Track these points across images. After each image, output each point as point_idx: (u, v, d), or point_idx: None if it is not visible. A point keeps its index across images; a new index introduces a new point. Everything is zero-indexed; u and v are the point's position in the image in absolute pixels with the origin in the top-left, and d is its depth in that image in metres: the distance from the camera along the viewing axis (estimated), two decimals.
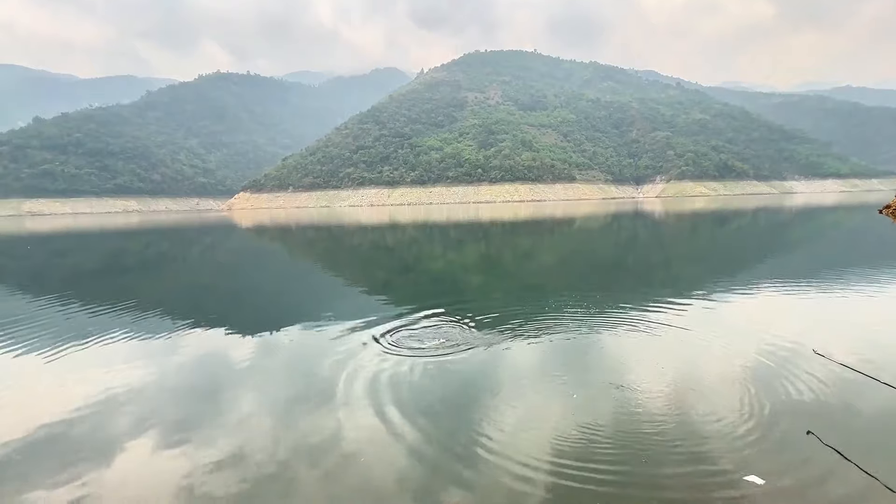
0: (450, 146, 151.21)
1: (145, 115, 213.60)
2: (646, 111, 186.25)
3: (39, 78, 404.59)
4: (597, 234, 28.31)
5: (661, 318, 7.50)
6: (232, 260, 21.00)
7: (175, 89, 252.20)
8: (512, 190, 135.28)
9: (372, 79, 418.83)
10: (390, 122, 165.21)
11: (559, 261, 16.88)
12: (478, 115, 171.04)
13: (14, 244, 31.64)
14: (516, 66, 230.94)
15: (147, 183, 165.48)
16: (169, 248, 26.52)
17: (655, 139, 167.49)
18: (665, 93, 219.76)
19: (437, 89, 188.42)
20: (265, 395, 4.99)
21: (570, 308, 8.30)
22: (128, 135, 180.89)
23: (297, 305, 9.78)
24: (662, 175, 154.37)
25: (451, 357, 5.84)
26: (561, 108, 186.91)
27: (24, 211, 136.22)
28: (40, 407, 4.91)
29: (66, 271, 17.71)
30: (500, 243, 24.19)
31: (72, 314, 9.47)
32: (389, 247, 24.04)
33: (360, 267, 16.91)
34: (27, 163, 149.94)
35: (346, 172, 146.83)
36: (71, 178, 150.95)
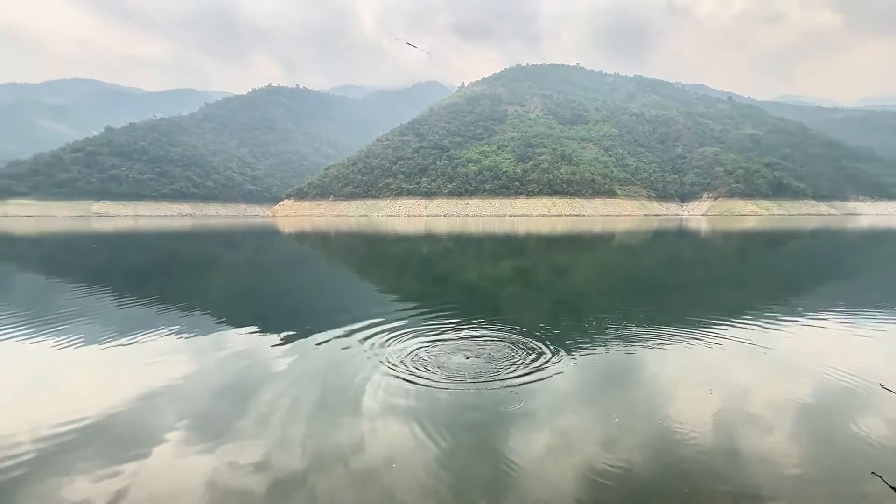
0: (488, 159, 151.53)
1: (203, 126, 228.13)
2: (693, 126, 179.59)
3: (112, 91, 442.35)
4: (638, 250, 27.31)
5: (710, 342, 7.05)
6: (273, 264, 21.79)
7: (230, 101, 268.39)
8: (549, 204, 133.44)
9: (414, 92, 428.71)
10: (430, 135, 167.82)
11: (598, 277, 16.36)
12: (517, 129, 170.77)
13: (83, 242, 34.32)
14: (558, 79, 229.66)
15: (201, 189, 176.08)
16: (217, 251, 27.89)
17: (703, 155, 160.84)
18: (714, 107, 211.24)
19: (477, 102, 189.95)
20: (296, 399, 5.06)
21: (610, 327, 7.97)
22: (186, 144, 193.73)
23: (331, 310, 9.96)
24: (710, 192, 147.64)
25: (483, 373, 5.66)
26: (603, 122, 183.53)
27: (92, 212, 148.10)
28: (88, 398, 5.20)
29: (124, 269, 18.97)
30: (536, 257, 23.80)
31: (126, 309, 10.09)
32: (424, 256, 24.19)
33: (395, 275, 17.08)
34: (97, 168, 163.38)
35: (385, 182, 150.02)
36: (134, 183, 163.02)
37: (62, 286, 13.80)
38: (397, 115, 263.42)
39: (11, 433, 4.30)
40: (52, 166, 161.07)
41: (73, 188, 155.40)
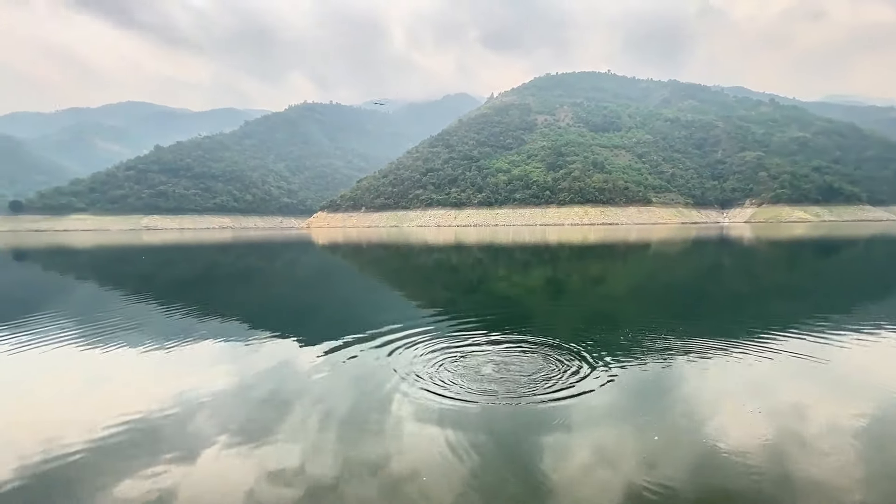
0: (517, 168, 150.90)
1: (243, 143, 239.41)
2: (733, 130, 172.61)
3: (162, 112, 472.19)
4: (676, 260, 26.27)
5: (758, 355, 6.63)
6: (307, 274, 22.36)
7: (268, 119, 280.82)
8: (581, 212, 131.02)
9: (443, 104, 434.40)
10: (459, 146, 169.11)
11: (634, 287, 15.82)
12: (547, 137, 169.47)
13: (133, 254, 36.45)
14: (588, 87, 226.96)
15: (240, 202, 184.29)
16: (254, 262, 28.94)
17: (744, 160, 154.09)
18: (756, 110, 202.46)
19: (506, 113, 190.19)
20: (327, 410, 5.11)
21: (648, 339, 7.65)
22: (228, 160, 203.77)
23: (362, 320, 10.07)
24: (753, 198, 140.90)
25: (515, 387, 5.48)
26: (636, 129, 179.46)
27: (142, 225, 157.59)
28: (134, 403, 5.44)
29: (169, 279, 19.98)
30: (567, 266, 23.32)
31: (170, 318, 10.58)
32: (454, 266, 24.18)
33: (425, 285, 17.13)
34: (147, 184, 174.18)
35: (416, 194, 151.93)
36: (180, 198, 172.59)
37: (114, 295, 14.66)
38: (427, 128, 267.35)
39: (62, 435, 4.54)
40: (107, 184, 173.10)
41: (125, 204, 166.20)
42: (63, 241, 61.06)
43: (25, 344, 8.17)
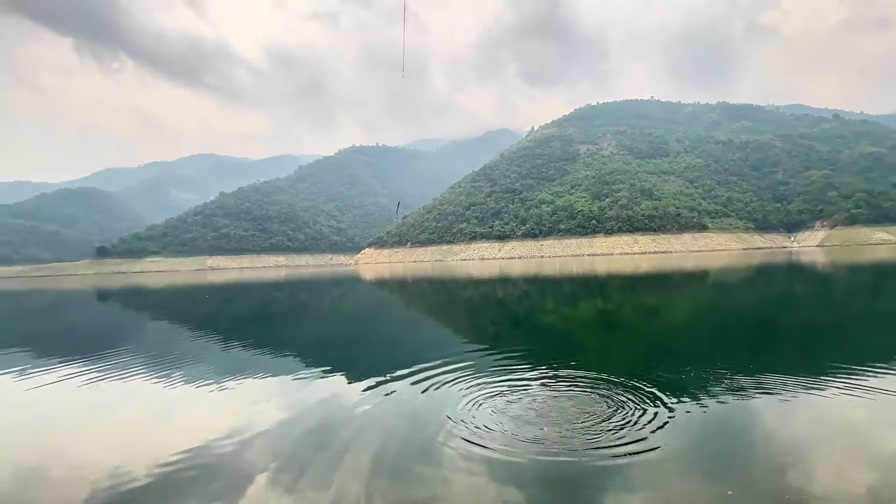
0: (561, 199, 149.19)
1: (296, 186, 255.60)
2: (793, 149, 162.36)
3: (227, 162, 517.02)
4: (740, 288, 24.37)
5: (846, 397, 5.87)
6: (354, 309, 22.87)
7: (320, 163, 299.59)
8: (631, 241, 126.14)
9: (485, 140, 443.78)
10: (501, 179, 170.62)
11: (694, 319, 14.76)
12: (590, 167, 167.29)
13: (198, 292, 39.11)
14: (631, 114, 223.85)
15: (294, 242, 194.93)
16: (306, 298, 30.08)
17: (809, 179, 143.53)
18: (818, 127, 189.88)
19: (547, 144, 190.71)
20: (374, 445, 5.04)
21: (714, 376, 7.03)
22: (283, 202, 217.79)
23: (408, 355, 10.05)
24: (824, 220, 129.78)
25: (566, 434, 5.04)
26: (685, 154, 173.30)
27: (207, 265, 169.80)
28: (188, 436, 5.66)
29: (228, 316, 21.14)
30: (619, 298, 22.27)
31: (228, 353, 11.10)
32: (499, 300, 23.83)
33: (470, 319, 16.94)
34: (212, 227, 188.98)
35: (459, 228, 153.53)
36: (240, 239, 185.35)
37: (179, 332, 15.69)
38: (470, 164, 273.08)
39: (123, 464, 4.80)
40: (178, 228, 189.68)
41: (192, 246, 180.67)
42: (139, 282, 66.86)
43: (97, 378, 8.84)
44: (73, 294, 44.63)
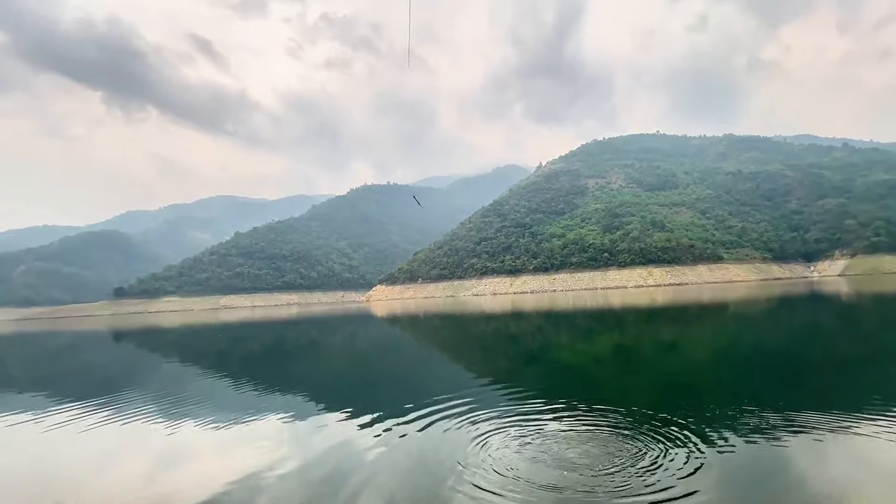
0: (572, 232, 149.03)
1: (309, 225, 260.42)
2: (805, 178, 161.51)
3: (243, 203, 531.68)
4: (762, 321, 23.59)
5: (881, 439, 5.49)
6: (365, 347, 22.61)
7: (332, 202, 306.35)
8: (645, 274, 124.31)
9: (494, 176, 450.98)
10: (511, 214, 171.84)
11: (715, 354, 14.23)
12: (600, 200, 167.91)
13: (211, 332, 39.23)
14: (638, 148, 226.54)
15: (306, 279, 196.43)
16: (317, 336, 29.91)
17: (825, 208, 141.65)
18: (828, 156, 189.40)
19: (556, 179, 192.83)
20: (386, 491, 4.83)
21: (742, 414, 6.67)
22: (296, 241, 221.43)
23: (420, 394, 9.79)
24: (843, 249, 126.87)
25: (585, 478, 4.74)
26: (695, 185, 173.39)
27: (220, 305, 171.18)
28: (196, 480, 5.50)
29: (240, 355, 21.05)
30: (636, 332, 21.69)
31: (238, 393, 10.95)
32: (513, 335, 23.39)
33: (483, 356, 16.60)
34: (226, 267, 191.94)
35: (470, 263, 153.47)
36: (254, 278, 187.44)
37: (191, 372, 15.61)
38: (480, 200, 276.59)
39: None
40: (194, 268, 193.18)
41: (207, 285, 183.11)
42: (154, 322, 67.46)
43: (106, 419, 8.75)
44: (89, 335, 45.13)
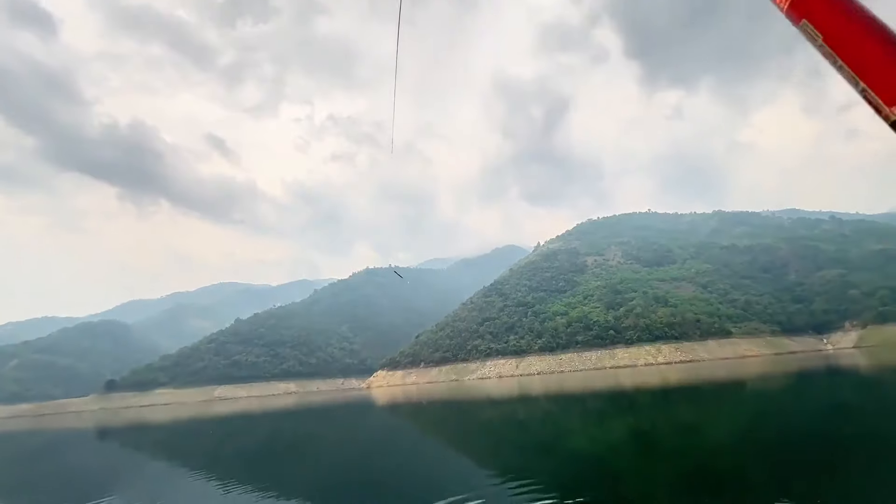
0: (575, 310, 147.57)
1: (311, 310, 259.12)
2: (799, 250, 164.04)
3: (246, 289, 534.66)
4: (784, 399, 22.43)
5: None
6: (369, 441, 21.25)
7: (334, 286, 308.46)
8: (654, 351, 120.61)
9: (493, 257, 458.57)
10: (513, 294, 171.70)
11: (739, 438, 13.34)
12: (600, 277, 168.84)
13: (202, 426, 37.10)
14: (633, 226, 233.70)
15: (306, 366, 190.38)
16: (315, 429, 28.25)
17: (825, 279, 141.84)
18: (818, 228, 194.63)
19: (554, 258, 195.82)
20: None
21: None
22: (297, 326, 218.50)
23: (431, 494, 9.06)
24: (853, 320, 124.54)
25: None
26: (692, 260, 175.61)
27: (215, 396, 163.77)
28: None
29: (231, 453, 19.70)
30: (651, 415, 20.54)
31: (227, 498, 10.12)
32: (521, 422, 22.11)
33: (492, 447, 15.56)
34: (224, 355, 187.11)
35: (474, 345, 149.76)
36: (251, 366, 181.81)
37: (178, 473, 14.52)
38: (480, 280, 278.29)
39: None
40: (190, 357, 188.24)
41: (202, 375, 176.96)
42: (143, 417, 63.99)
43: None
44: (73, 433, 42.62)
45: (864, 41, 1.02)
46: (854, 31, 1.03)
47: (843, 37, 1.05)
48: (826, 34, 1.08)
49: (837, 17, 1.08)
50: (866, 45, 1.02)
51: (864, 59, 1.02)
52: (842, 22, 1.07)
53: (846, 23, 1.06)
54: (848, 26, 1.05)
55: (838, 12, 1.07)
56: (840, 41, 1.05)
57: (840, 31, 1.06)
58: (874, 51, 1.01)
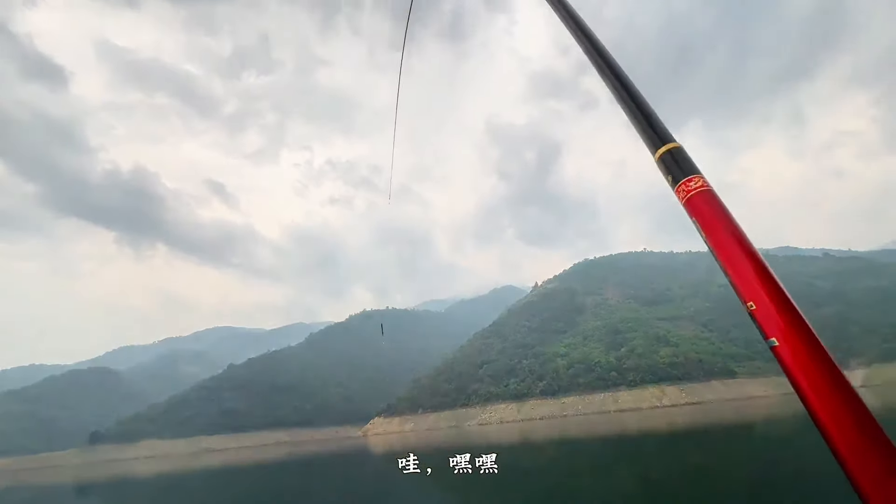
0: (576, 351, 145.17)
1: (306, 354, 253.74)
2: (797, 287, 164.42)
3: (241, 333, 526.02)
4: (798, 442, 21.67)
5: None
6: (362, 498, 20.22)
7: (331, 329, 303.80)
8: (658, 393, 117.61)
9: (491, 297, 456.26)
10: (512, 335, 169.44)
11: (753, 484, 12.78)
12: (600, 317, 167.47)
13: (187, 482, 35.25)
14: (630, 265, 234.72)
15: (300, 413, 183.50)
16: (306, 486, 26.92)
17: (824, 316, 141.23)
18: (813, 265, 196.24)
19: (553, 298, 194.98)
20: None
21: None
22: (291, 372, 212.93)
23: None
24: (857, 358, 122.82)
25: None
26: (690, 298, 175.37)
27: (202, 447, 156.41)
28: None
29: None
30: (662, 461, 19.74)
31: None
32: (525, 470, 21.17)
33: (499, 502, 14.82)
34: (216, 402, 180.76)
35: (473, 389, 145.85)
36: (243, 415, 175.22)
37: None
38: (478, 321, 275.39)
39: None
40: (180, 405, 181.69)
41: (191, 425, 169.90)
42: (127, 471, 60.79)
43: None
44: (51, 489, 40.35)
45: (732, 247, 1.33)
46: (726, 239, 1.35)
47: (719, 241, 1.36)
48: (708, 234, 1.40)
49: (715, 223, 1.39)
50: (734, 251, 1.33)
51: (732, 260, 1.34)
52: (718, 228, 1.39)
53: (721, 229, 1.38)
54: (723, 234, 1.36)
55: (716, 220, 1.39)
56: (717, 243, 1.37)
57: (717, 235, 1.37)
58: (737, 253, 1.33)
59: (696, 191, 1.45)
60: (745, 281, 1.35)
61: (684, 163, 1.59)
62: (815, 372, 1.31)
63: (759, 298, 1.37)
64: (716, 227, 1.39)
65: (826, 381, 1.27)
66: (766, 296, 1.37)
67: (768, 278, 1.37)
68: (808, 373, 1.31)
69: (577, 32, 2.21)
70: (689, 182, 1.49)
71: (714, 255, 1.39)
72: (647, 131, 1.78)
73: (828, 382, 1.27)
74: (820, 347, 1.35)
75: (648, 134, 1.77)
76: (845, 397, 1.21)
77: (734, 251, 1.35)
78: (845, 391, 1.22)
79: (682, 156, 1.62)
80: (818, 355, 1.33)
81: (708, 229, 1.42)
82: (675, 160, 1.61)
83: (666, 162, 1.64)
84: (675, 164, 1.59)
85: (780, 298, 1.39)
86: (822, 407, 1.23)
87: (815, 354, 1.34)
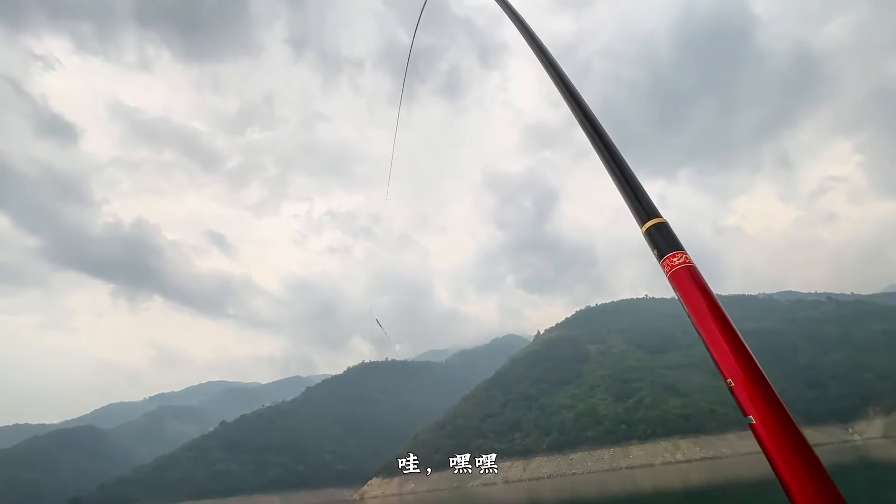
0: (582, 402, 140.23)
1: (302, 409, 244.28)
2: (803, 332, 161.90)
3: (235, 388, 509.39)
4: None
5: None
6: None
7: (328, 382, 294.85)
8: (671, 447, 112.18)
9: (492, 347, 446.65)
10: (514, 386, 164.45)
11: None
12: (605, 366, 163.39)
13: None
14: (631, 312, 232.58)
15: (293, 474, 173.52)
16: None
17: (836, 362, 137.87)
18: (817, 309, 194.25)
19: (556, 347, 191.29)
20: None
21: None
22: (286, 428, 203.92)
23: None
24: (873, 406, 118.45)
25: None
26: (696, 346, 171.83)
27: None
28: None
29: None
30: None
31: None
32: None
33: None
34: (204, 464, 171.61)
35: (476, 444, 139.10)
36: (233, 477, 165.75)
37: None
38: (480, 371, 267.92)
39: None
40: (167, 467, 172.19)
41: (178, 490, 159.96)
42: None
43: None
44: None
45: (712, 324, 1.35)
46: (707, 316, 1.36)
47: (701, 317, 1.38)
48: (690, 310, 1.43)
49: (697, 300, 1.42)
50: (714, 328, 1.34)
51: (712, 336, 1.35)
52: (700, 305, 1.42)
53: (703, 307, 1.40)
54: (704, 311, 1.39)
55: (698, 297, 1.41)
56: (699, 319, 1.40)
57: (699, 312, 1.39)
58: (717, 330, 1.34)
59: (679, 266, 1.49)
60: (725, 358, 1.38)
61: (669, 238, 1.63)
62: (789, 452, 1.27)
63: (737, 376, 1.39)
64: (698, 304, 1.41)
65: (800, 461, 1.22)
66: (742, 374, 1.39)
67: (745, 356, 1.38)
68: (782, 452, 1.27)
69: (574, 107, 2.29)
70: (672, 257, 1.53)
71: (696, 330, 1.43)
72: (634, 205, 1.81)
73: (802, 463, 1.22)
74: (793, 427, 1.31)
75: (636, 207, 1.80)
76: (818, 480, 1.17)
77: (714, 328, 1.37)
78: (817, 473, 1.18)
79: (666, 231, 1.66)
80: (791, 435, 1.29)
81: (690, 305, 1.45)
82: (661, 235, 1.64)
83: (652, 235, 1.68)
84: (661, 238, 1.63)
85: (756, 377, 1.40)
86: (797, 487, 1.19)
87: (788, 434, 1.29)
